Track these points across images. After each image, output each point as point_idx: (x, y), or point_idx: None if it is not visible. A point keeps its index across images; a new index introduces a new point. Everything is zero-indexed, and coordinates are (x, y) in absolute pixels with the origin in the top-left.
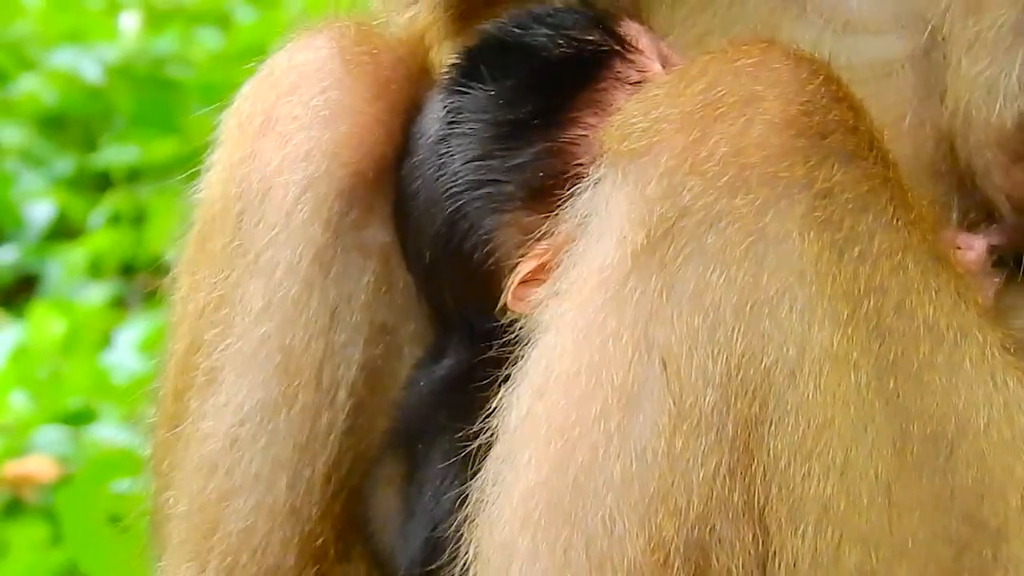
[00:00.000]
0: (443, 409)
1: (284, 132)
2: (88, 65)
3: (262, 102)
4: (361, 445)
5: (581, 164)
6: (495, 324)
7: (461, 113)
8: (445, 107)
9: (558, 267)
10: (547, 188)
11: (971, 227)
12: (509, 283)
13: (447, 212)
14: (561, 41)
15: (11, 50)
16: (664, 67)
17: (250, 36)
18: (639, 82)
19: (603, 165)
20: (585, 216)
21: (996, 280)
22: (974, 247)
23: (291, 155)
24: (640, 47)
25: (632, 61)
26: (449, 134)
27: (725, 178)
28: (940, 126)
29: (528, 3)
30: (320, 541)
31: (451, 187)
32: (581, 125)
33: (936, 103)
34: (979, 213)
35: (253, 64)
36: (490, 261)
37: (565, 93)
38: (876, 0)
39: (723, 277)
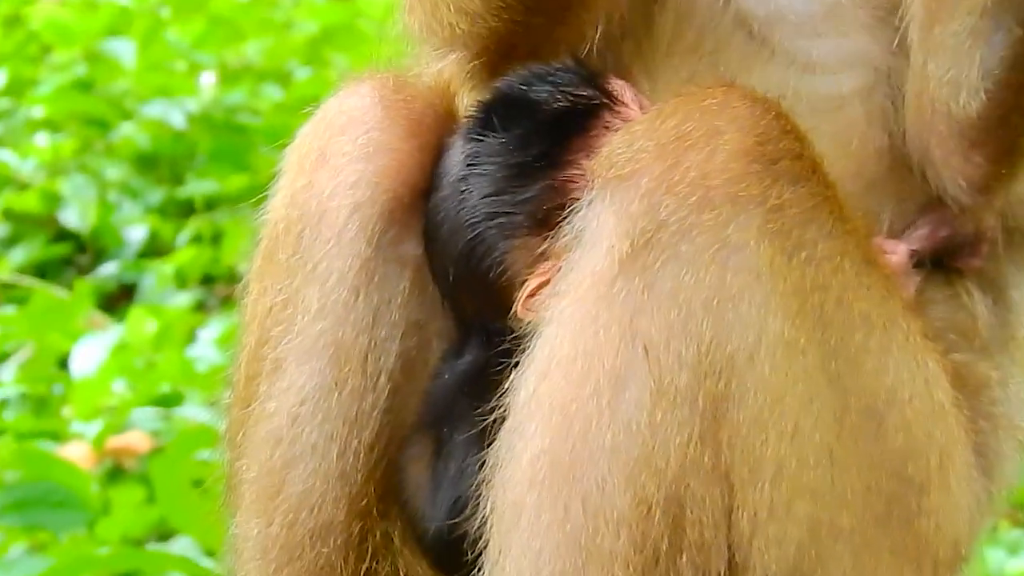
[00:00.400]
0: (465, 397)
1: (336, 165)
2: (175, 114)
3: (318, 140)
4: (398, 421)
5: (577, 197)
6: (507, 327)
7: (478, 157)
8: (464, 152)
9: (558, 275)
10: (550, 217)
11: (895, 234)
12: (519, 296)
13: (467, 238)
14: (559, 96)
15: (112, 103)
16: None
17: (305, 89)
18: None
19: (594, 189)
20: (580, 230)
21: (916, 279)
22: (897, 251)
23: (342, 184)
24: (624, 100)
25: (618, 112)
26: (468, 174)
27: (694, 197)
28: (881, 146)
29: (535, 61)
30: (364, 502)
31: (470, 218)
32: (576, 166)
33: (878, 127)
34: (904, 222)
35: (308, 111)
36: (504, 278)
37: (563, 140)
38: (831, 46)
39: (694, 278)
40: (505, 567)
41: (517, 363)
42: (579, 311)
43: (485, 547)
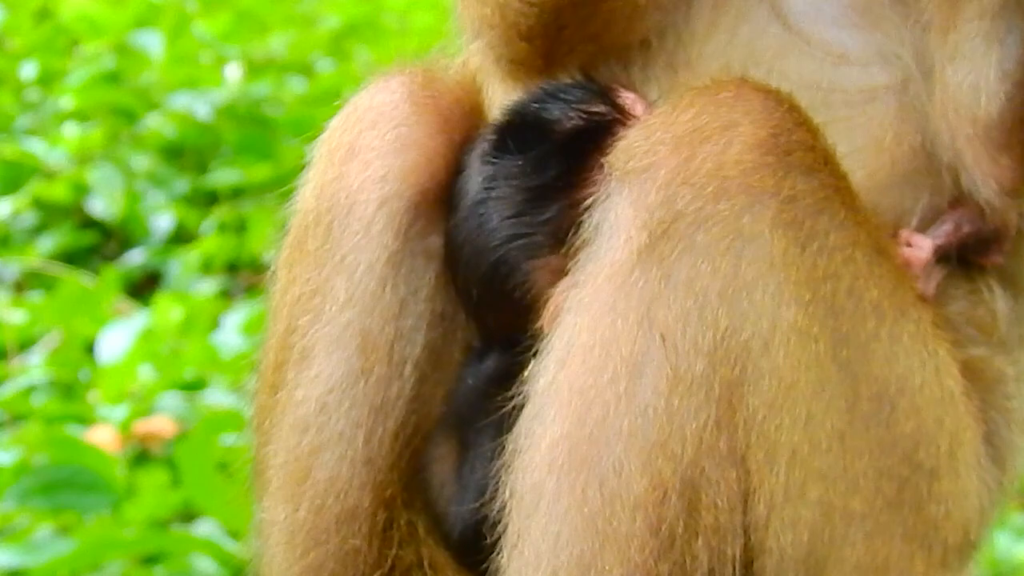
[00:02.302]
0: (489, 400)
1: (365, 159)
2: (200, 106)
3: (348, 134)
4: (424, 411)
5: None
6: (530, 337)
7: (495, 180)
8: (481, 175)
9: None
10: (570, 234)
11: (922, 229)
12: (545, 312)
13: (491, 261)
14: (572, 115)
15: (140, 94)
16: None
17: (329, 82)
18: None
19: (612, 181)
20: (598, 222)
21: (940, 273)
22: (923, 247)
23: (371, 177)
24: (636, 113)
25: (630, 126)
26: (486, 197)
27: (710, 188)
28: (914, 143)
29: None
30: (389, 492)
31: (492, 241)
32: (593, 183)
33: (912, 123)
34: (932, 217)
35: (331, 103)
36: (528, 297)
37: (578, 158)
38: (863, 39)
39: (710, 267)
40: (524, 551)
41: (538, 350)
42: (598, 300)
43: (504, 532)
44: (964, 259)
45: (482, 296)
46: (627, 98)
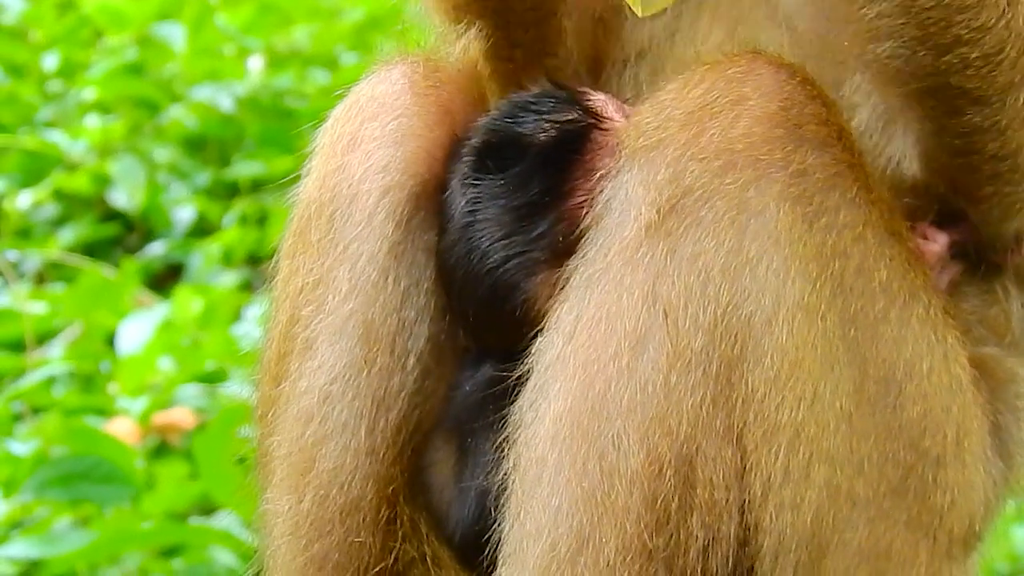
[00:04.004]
0: (486, 406)
1: (367, 150)
2: (223, 98)
3: (350, 125)
4: (427, 406)
5: (587, 218)
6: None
7: (480, 202)
8: (465, 198)
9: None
10: (566, 246)
11: (939, 224)
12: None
13: (487, 284)
14: (545, 127)
15: (162, 86)
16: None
17: (352, 74)
18: (616, 143)
19: (622, 158)
20: (608, 199)
21: (955, 269)
22: (939, 240)
23: (372, 168)
24: (609, 114)
25: (605, 129)
26: (473, 221)
27: (718, 163)
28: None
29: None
30: (392, 488)
31: (486, 265)
32: (579, 191)
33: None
34: (950, 211)
35: None
36: (530, 313)
37: (559, 169)
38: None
39: (714, 242)
40: (525, 523)
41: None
42: (606, 276)
43: (506, 503)
44: (981, 257)
45: (480, 317)
46: (597, 100)
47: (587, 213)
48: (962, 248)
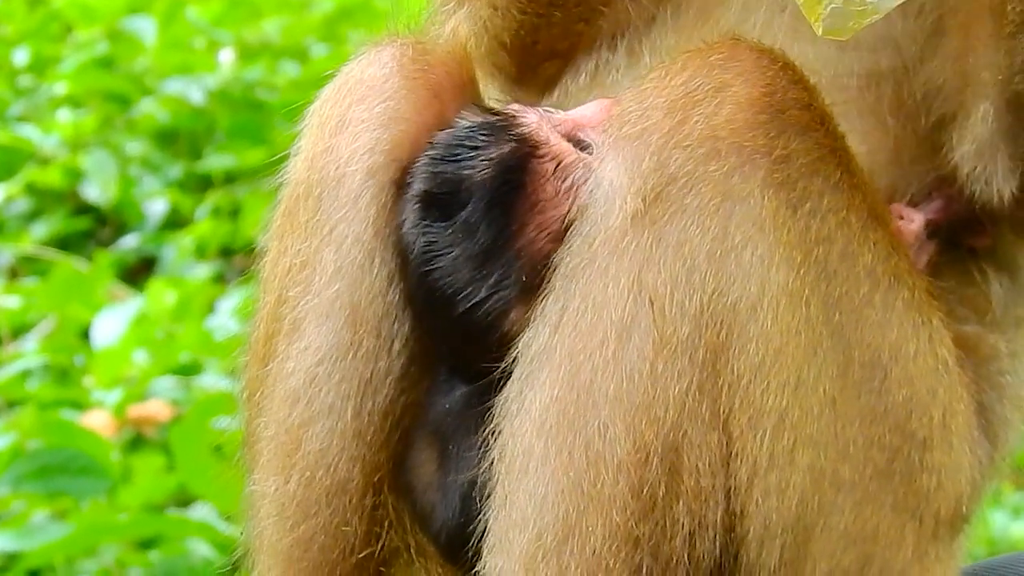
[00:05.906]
0: (466, 414)
1: (354, 132)
2: (194, 91)
3: (338, 106)
4: (412, 394)
5: (548, 247)
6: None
7: (432, 250)
8: (419, 247)
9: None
10: (536, 280)
11: (914, 204)
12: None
13: (460, 327)
14: (480, 166)
15: (133, 80)
16: (572, 139)
17: (323, 66)
18: (558, 167)
19: (606, 147)
20: (592, 190)
21: (931, 248)
22: (915, 220)
23: (359, 149)
24: (542, 138)
25: (542, 155)
26: (431, 269)
27: (702, 150)
28: (917, 128)
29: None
30: (378, 476)
31: (456, 311)
32: (529, 226)
33: (914, 109)
34: (926, 192)
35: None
36: (508, 342)
37: (504, 209)
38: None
39: (699, 229)
40: (511, 513)
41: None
42: (591, 265)
43: (491, 495)
44: (954, 240)
45: (456, 349)
46: (530, 124)
47: (546, 243)
48: (936, 227)
